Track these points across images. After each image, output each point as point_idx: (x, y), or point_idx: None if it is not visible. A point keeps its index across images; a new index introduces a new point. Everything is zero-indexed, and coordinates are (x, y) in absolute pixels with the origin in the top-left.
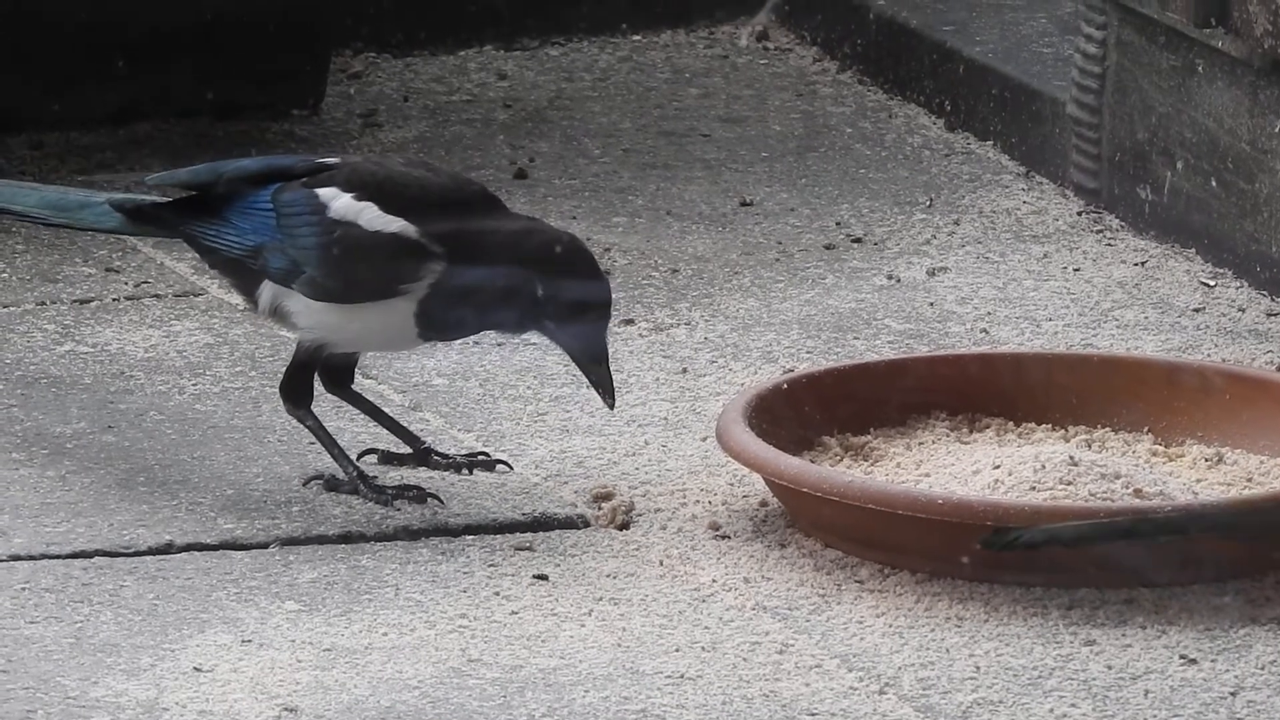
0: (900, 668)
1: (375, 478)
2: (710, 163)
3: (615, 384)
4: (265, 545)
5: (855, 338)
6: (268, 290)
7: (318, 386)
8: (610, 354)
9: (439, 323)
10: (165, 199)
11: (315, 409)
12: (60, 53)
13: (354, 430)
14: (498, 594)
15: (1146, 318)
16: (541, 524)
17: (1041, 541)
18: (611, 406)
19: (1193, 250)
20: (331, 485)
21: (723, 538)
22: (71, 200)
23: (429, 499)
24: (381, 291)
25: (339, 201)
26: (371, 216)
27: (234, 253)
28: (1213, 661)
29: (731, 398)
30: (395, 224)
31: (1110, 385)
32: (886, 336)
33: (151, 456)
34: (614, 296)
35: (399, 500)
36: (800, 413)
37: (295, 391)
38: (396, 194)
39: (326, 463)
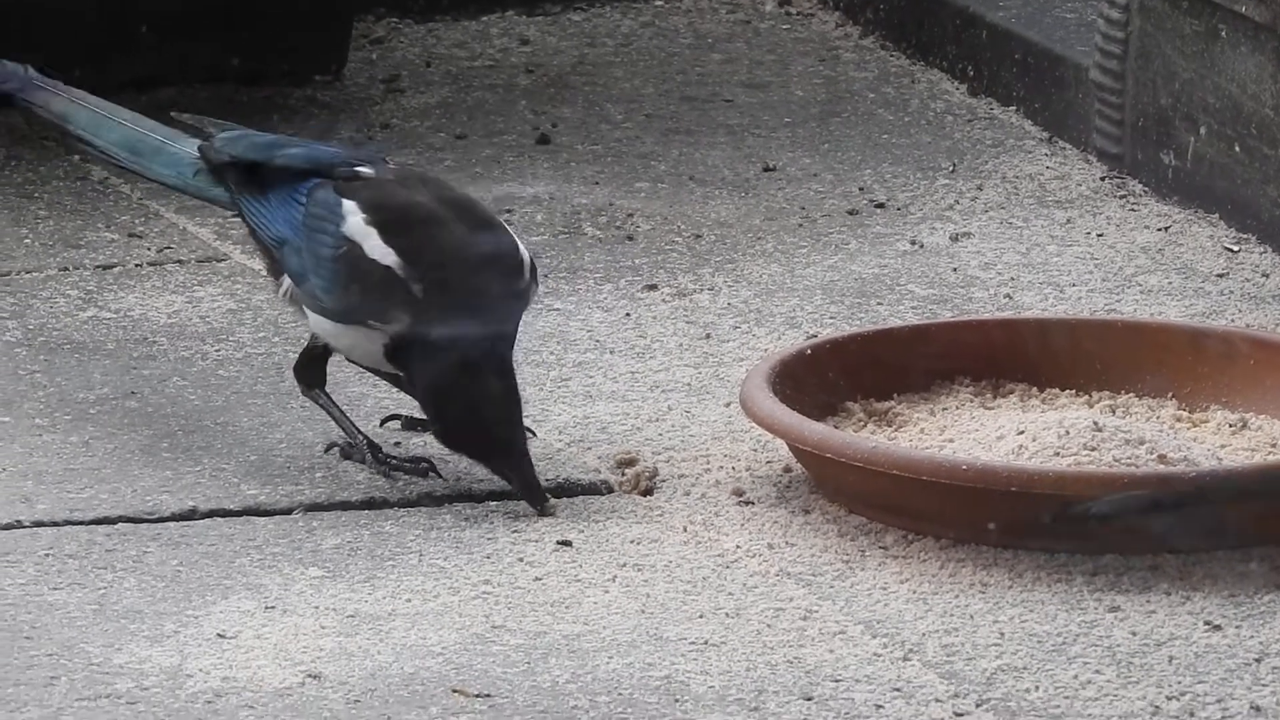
0: (924, 634)
1: (396, 445)
2: (733, 128)
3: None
4: (289, 511)
5: (878, 303)
6: (286, 281)
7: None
8: (634, 320)
9: (401, 362)
10: (232, 157)
11: (339, 374)
12: (84, 20)
13: (377, 395)
14: (521, 560)
15: (1170, 283)
16: (565, 490)
17: (1112, 514)
18: (539, 507)
19: (1216, 216)
20: (346, 454)
21: (746, 504)
22: (149, 145)
23: (430, 474)
24: (355, 317)
25: (354, 219)
26: (373, 244)
27: (263, 237)
28: (1237, 628)
29: (755, 363)
30: (389, 258)
31: (1134, 351)
32: (910, 302)
33: (174, 422)
34: (638, 262)
35: (399, 472)
36: (824, 378)
37: (308, 375)
38: (405, 226)
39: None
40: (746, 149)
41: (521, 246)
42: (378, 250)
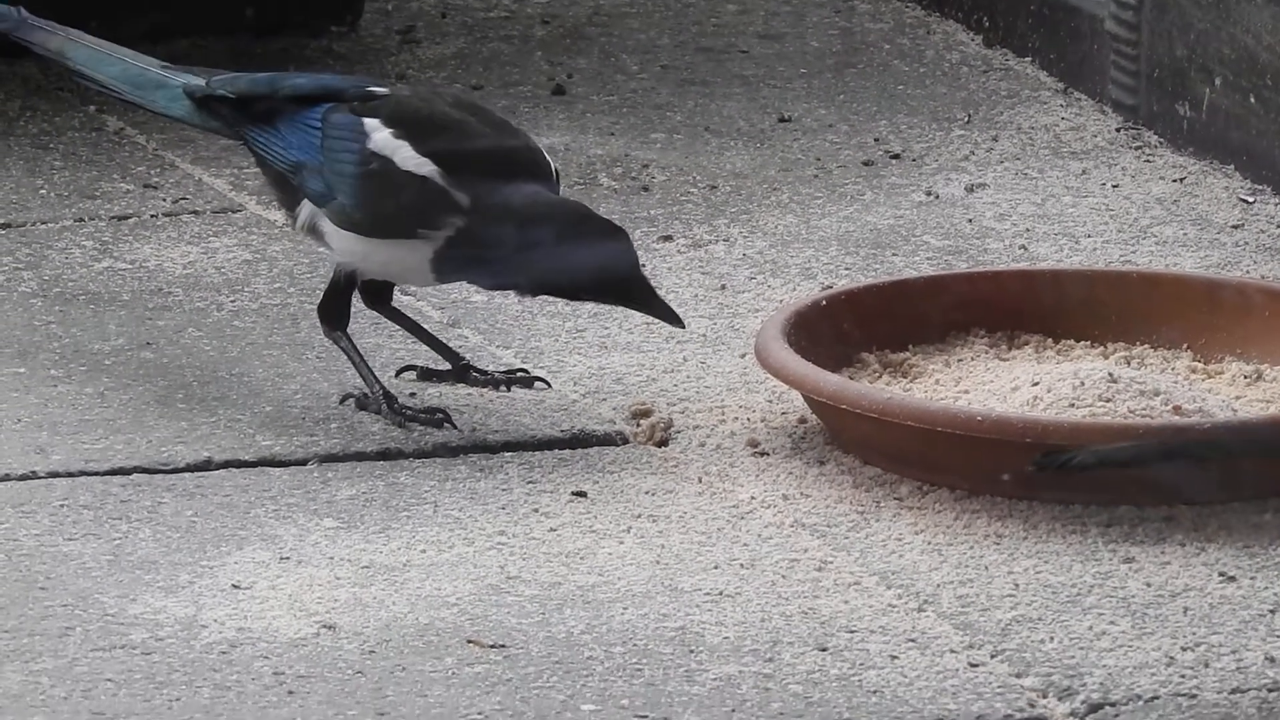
0: (939, 585)
1: (411, 395)
2: (748, 79)
3: (671, 306)
4: (304, 462)
5: (894, 254)
6: (305, 209)
7: (358, 303)
8: (649, 272)
9: (452, 270)
10: (234, 95)
11: (355, 324)
12: None
13: (393, 347)
14: (536, 511)
15: (1185, 234)
16: (580, 441)
17: (1093, 463)
18: (682, 326)
19: (1231, 167)
20: (361, 404)
21: (761, 454)
22: (150, 79)
23: (444, 424)
24: (400, 230)
25: (379, 134)
26: (406, 155)
27: (278, 165)
28: (1252, 579)
29: (770, 314)
30: (426, 167)
31: (1149, 302)
32: (925, 253)
33: (190, 373)
34: (653, 213)
35: (413, 422)
36: (839, 329)
37: (331, 313)
38: (435, 135)
39: (364, 382)
40: (762, 100)
41: (541, 149)
42: (411, 161)
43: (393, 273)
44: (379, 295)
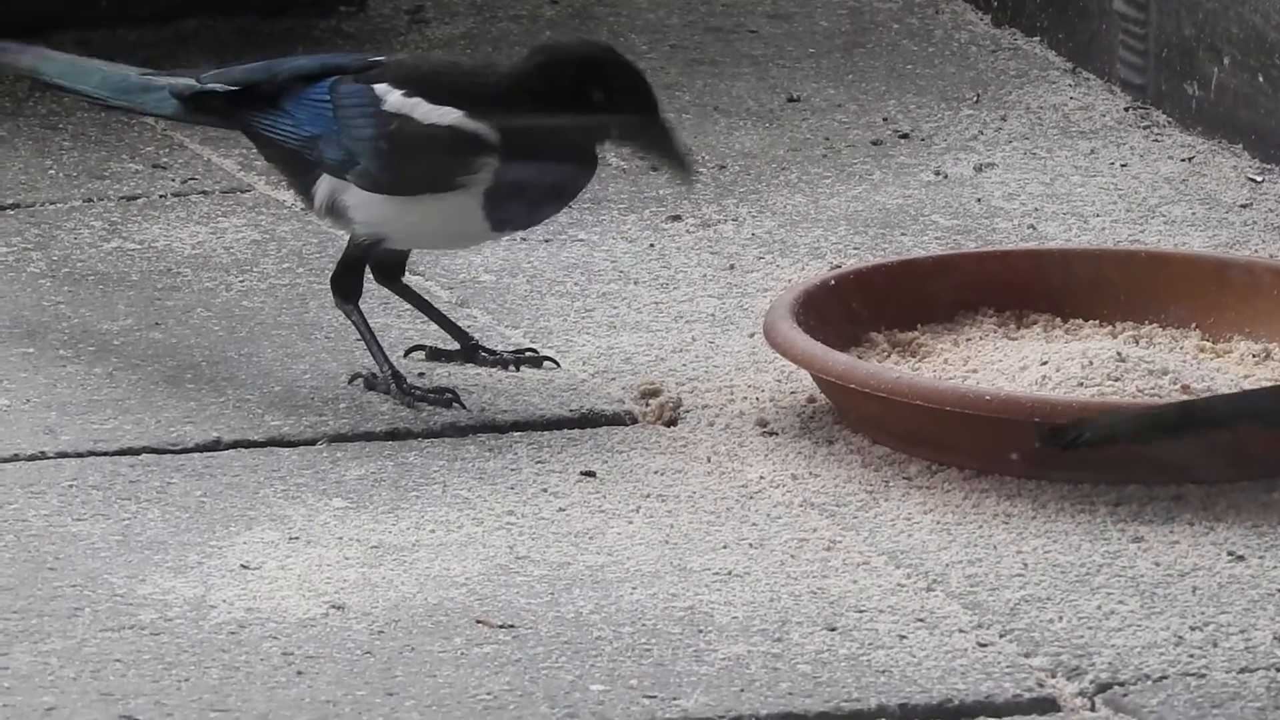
0: (948, 564)
1: (420, 375)
2: (757, 59)
3: (689, 163)
4: (313, 442)
5: (902, 234)
6: (324, 184)
7: (369, 281)
8: (658, 251)
9: (509, 211)
10: (224, 88)
11: (364, 304)
12: None
13: (401, 327)
14: (545, 490)
15: (1194, 213)
16: (589, 420)
17: (1100, 439)
18: (689, 184)
19: (1240, 146)
20: (370, 384)
21: (770, 434)
22: (134, 83)
23: (453, 404)
24: (440, 184)
25: (392, 96)
26: (426, 110)
27: (290, 143)
28: (1260, 558)
29: (779, 294)
30: (450, 115)
31: (1157, 281)
32: (934, 232)
33: (198, 353)
34: (662, 193)
35: (422, 402)
36: (848, 309)
37: (345, 286)
38: (441, 86)
39: (371, 361)
40: (771, 80)
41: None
42: (434, 114)
43: (430, 234)
44: (390, 272)
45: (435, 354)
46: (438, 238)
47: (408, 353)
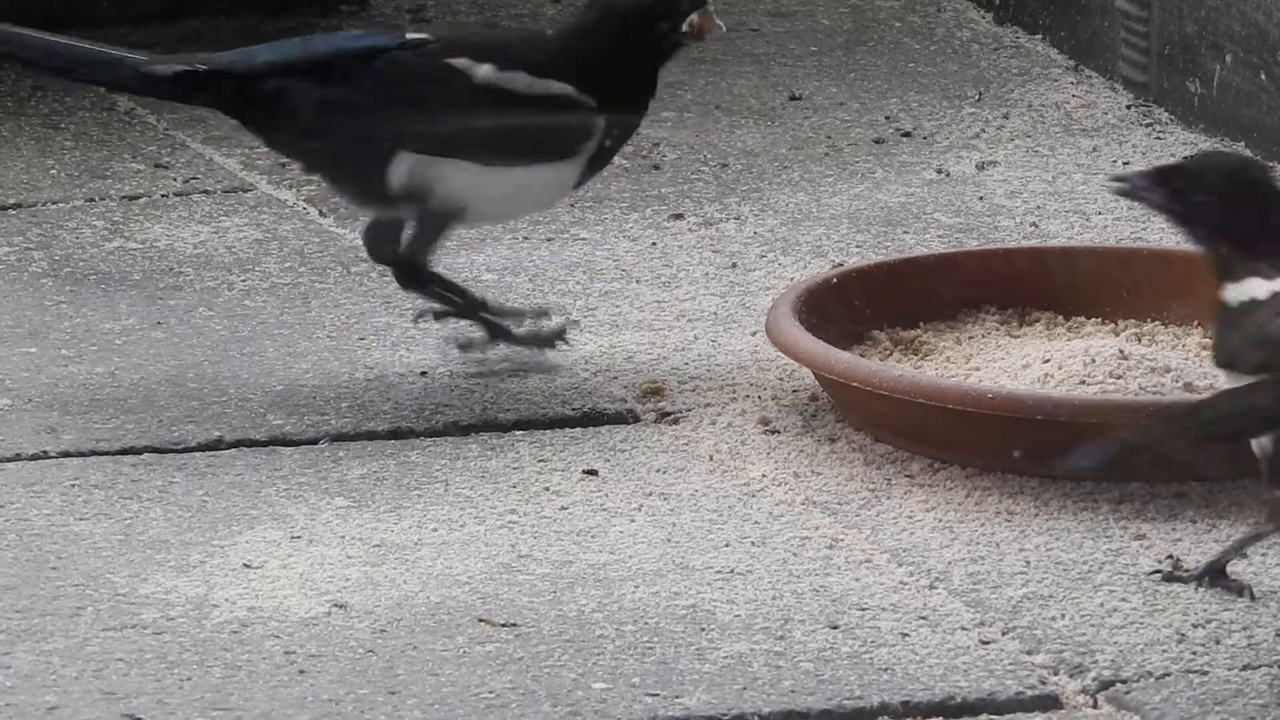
0: (950, 562)
1: (422, 375)
2: (759, 57)
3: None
4: (315, 441)
5: (905, 232)
6: (405, 162)
7: (369, 280)
8: (660, 249)
9: (594, 171)
10: (258, 67)
11: (366, 303)
12: None
13: (402, 326)
14: (547, 489)
15: None
16: (591, 419)
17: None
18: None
19: (1242, 143)
20: (464, 347)
21: (772, 432)
22: (108, 57)
23: (559, 342)
24: (562, 153)
25: (481, 70)
26: (528, 81)
27: (352, 126)
28: (1263, 556)
29: (781, 292)
30: (554, 86)
31: (1160, 279)
32: (936, 230)
33: (200, 353)
34: (664, 192)
35: (529, 345)
36: (850, 307)
37: (421, 270)
38: (514, 58)
39: (374, 358)
40: (773, 78)
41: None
42: (536, 85)
43: (525, 201)
44: (391, 244)
45: (443, 314)
46: (528, 205)
47: (417, 319)
